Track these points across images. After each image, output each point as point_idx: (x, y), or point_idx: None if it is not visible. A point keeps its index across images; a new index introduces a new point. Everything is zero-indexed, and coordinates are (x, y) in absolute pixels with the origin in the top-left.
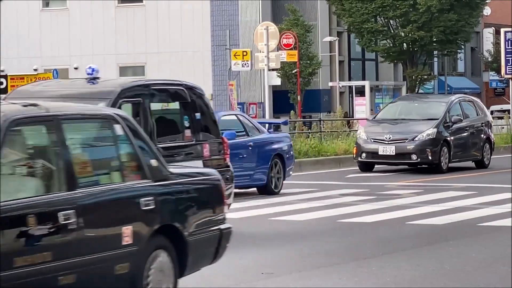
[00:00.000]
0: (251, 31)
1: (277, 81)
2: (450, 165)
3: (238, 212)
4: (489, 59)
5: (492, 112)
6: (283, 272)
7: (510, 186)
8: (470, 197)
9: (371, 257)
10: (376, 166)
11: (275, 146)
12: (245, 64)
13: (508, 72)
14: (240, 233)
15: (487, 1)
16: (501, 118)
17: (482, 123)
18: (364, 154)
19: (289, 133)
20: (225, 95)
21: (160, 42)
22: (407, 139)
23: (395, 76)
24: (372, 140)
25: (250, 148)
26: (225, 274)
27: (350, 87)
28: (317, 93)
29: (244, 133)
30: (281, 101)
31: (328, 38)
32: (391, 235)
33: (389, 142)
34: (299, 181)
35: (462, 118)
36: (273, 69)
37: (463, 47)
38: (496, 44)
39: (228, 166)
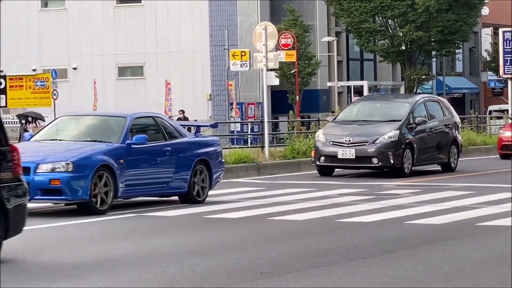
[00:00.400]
0: (249, 31)
1: (276, 81)
2: (414, 168)
3: (236, 212)
4: (488, 59)
5: (490, 112)
6: (282, 272)
7: (510, 186)
8: (468, 196)
9: (369, 257)
10: (336, 170)
11: (199, 150)
12: (243, 64)
13: (506, 72)
14: (239, 233)
15: (485, 1)
16: (500, 118)
17: (448, 125)
18: (322, 158)
19: (221, 136)
20: (223, 95)
21: (158, 42)
22: (367, 142)
23: (393, 76)
24: (331, 143)
25: (167, 153)
26: (224, 274)
27: (349, 87)
28: (315, 93)
29: (161, 136)
30: (279, 101)
31: (327, 38)
32: (389, 235)
33: (349, 145)
34: (297, 181)
35: (426, 119)
36: (271, 69)
37: (461, 47)
38: (495, 44)
39: (20, 180)
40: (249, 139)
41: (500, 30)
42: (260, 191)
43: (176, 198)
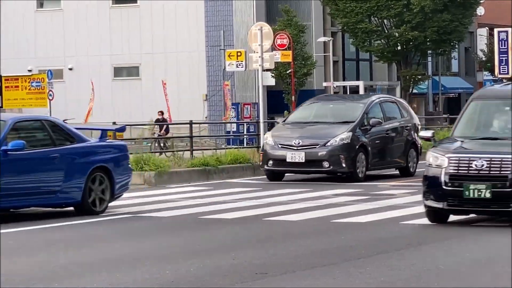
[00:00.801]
0: (245, 31)
1: (272, 82)
2: (368, 173)
3: (232, 213)
4: (483, 59)
5: None
6: (277, 272)
7: None
8: None
9: (365, 257)
10: (286, 174)
11: (98, 157)
12: (239, 65)
13: (501, 72)
14: (234, 234)
15: (480, 1)
16: None
17: (407, 126)
18: (271, 162)
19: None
20: (219, 96)
21: (154, 43)
22: (318, 145)
23: (389, 76)
24: (280, 145)
25: (55, 160)
26: (219, 274)
27: (345, 87)
28: (311, 94)
29: (49, 142)
30: (275, 101)
31: (322, 39)
32: (385, 235)
33: (298, 148)
34: (293, 181)
35: (382, 121)
36: (267, 70)
37: (457, 47)
38: (490, 44)
39: None
40: (245, 139)
41: (496, 30)
42: (255, 191)
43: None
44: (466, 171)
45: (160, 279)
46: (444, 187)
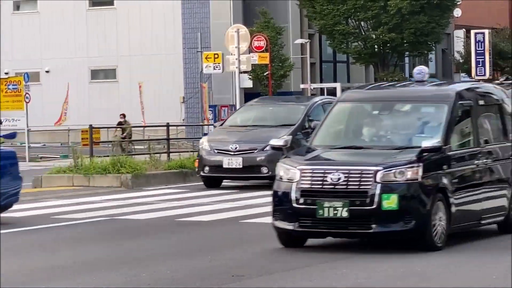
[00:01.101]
0: (222, 33)
1: (249, 84)
2: None
3: (208, 215)
4: (460, 61)
5: None
6: (254, 275)
7: None
8: None
9: (342, 259)
10: (224, 181)
11: None
12: (216, 67)
13: (478, 74)
14: (211, 236)
15: (457, 3)
16: None
17: None
18: (207, 168)
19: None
20: (196, 98)
21: (131, 45)
22: (256, 149)
23: (366, 78)
24: (216, 151)
25: None
26: (196, 277)
27: (322, 89)
28: (288, 95)
29: None
30: None
31: (300, 40)
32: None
33: (235, 153)
34: (269, 183)
35: None
36: (244, 72)
37: (434, 48)
38: (467, 45)
39: None
40: None
41: (472, 32)
42: (232, 193)
43: None
44: (320, 186)
45: (136, 282)
46: (295, 205)
